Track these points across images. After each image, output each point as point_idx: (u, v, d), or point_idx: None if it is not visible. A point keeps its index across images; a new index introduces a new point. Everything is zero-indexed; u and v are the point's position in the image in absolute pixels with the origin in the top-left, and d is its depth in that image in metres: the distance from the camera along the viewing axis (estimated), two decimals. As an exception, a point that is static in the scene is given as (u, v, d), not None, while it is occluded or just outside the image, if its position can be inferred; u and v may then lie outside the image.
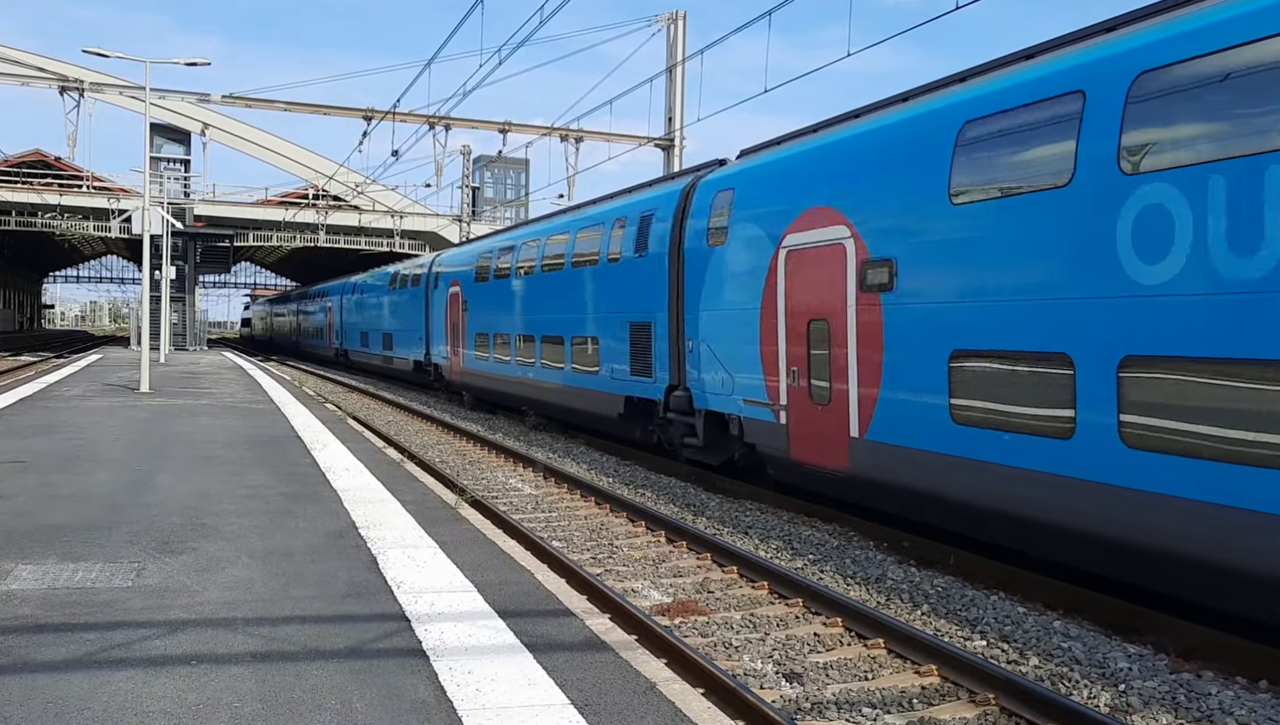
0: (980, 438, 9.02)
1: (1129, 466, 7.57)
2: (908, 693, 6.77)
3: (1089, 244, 7.99)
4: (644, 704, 5.30)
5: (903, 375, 10.18)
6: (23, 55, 48.18)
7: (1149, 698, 6.66)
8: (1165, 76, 7.50)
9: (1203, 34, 7.31)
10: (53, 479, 11.79)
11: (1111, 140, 7.83)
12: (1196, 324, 7.11)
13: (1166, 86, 7.48)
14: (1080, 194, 8.09)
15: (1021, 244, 8.73)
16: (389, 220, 57.23)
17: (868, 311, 10.68)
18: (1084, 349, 8.00)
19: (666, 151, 42.61)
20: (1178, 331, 7.25)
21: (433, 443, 20.23)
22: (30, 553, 8.22)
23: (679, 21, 40.25)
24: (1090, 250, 7.98)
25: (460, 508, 10.81)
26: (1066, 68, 8.57)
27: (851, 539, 11.34)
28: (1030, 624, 8.15)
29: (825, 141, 12.22)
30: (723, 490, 14.47)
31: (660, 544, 11.22)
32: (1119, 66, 7.93)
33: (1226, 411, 6.93)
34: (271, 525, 9.55)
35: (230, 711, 5.06)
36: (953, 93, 10.19)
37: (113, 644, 6.04)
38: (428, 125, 44.51)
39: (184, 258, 54.23)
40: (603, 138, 46.28)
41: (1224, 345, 6.93)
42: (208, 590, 7.26)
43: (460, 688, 5.45)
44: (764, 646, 7.68)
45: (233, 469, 12.94)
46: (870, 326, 10.63)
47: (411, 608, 6.92)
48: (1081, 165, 8.08)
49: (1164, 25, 7.83)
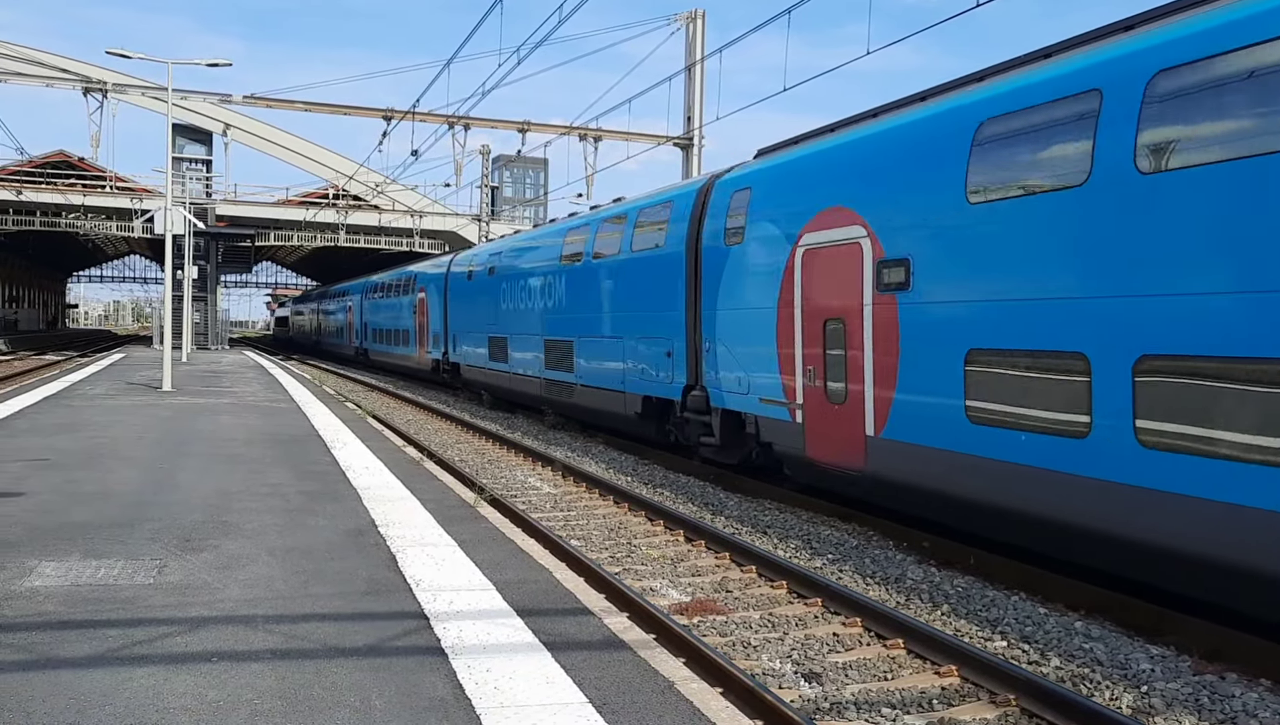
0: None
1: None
2: (927, 693, 6.73)
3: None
4: (662, 703, 5.29)
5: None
6: (47, 56, 48.61)
7: (1172, 699, 6.60)
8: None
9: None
10: (76, 477, 11.88)
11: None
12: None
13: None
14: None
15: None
16: (409, 220, 57.43)
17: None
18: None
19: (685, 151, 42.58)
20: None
21: (452, 442, 20.28)
22: (54, 550, 8.29)
23: (698, 20, 40.20)
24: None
25: (479, 506, 10.83)
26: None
27: (871, 539, 11.30)
28: (1052, 625, 8.10)
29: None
30: (741, 490, 14.44)
31: (679, 543, 11.21)
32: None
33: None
34: (292, 523, 9.59)
35: (250, 708, 5.08)
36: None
37: (134, 641, 6.08)
38: (447, 125, 44.62)
39: (206, 257, 54.55)
40: (621, 137, 46.22)
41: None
42: (228, 587, 7.30)
43: (479, 686, 5.46)
44: (783, 646, 7.66)
45: (253, 467, 13.01)
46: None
47: (430, 606, 6.94)
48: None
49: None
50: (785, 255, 12.53)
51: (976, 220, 9.39)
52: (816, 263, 11.93)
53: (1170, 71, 7.53)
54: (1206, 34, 7.37)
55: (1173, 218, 7.38)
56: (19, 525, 9.17)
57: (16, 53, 47.36)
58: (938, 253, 9.97)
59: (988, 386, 9.17)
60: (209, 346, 56.12)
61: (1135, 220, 7.67)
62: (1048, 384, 8.47)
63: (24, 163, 54.02)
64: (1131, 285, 7.70)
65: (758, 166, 14.23)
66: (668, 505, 12.89)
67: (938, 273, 9.93)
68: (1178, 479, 7.26)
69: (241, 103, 44.58)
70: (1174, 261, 7.38)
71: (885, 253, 10.62)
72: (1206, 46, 7.29)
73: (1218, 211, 7.04)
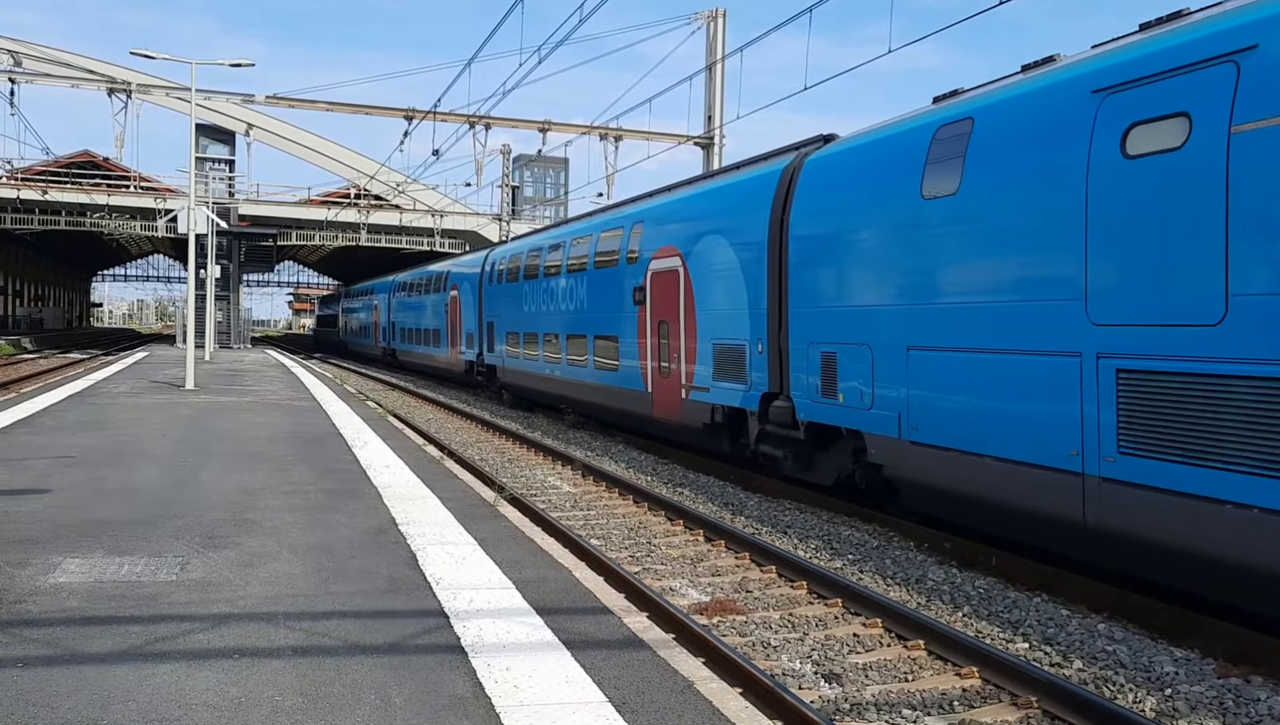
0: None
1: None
2: (948, 694, 6.70)
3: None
4: (682, 703, 5.28)
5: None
6: (72, 57, 49.13)
7: (1195, 702, 6.54)
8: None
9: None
10: (100, 474, 11.98)
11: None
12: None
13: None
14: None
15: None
16: (429, 219, 57.64)
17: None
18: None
19: (706, 150, 42.54)
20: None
21: (472, 441, 20.33)
22: (78, 546, 8.36)
23: (719, 19, 40.17)
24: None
25: (499, 505, 10.85)
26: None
27: (892, 539, 11.25)
28: (1074, 627, 8.04)
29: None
30: (761, 490, 14.40)
31: (698, 543, 11.20)
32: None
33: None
34: (313, 521, 9.64)
35: (271, 705, 5.11)
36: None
37: (157, 637, 6.13)
38: (468, 125, 44.82)
39: (228, 257, 54.91)
40: (642, 136, 46.28)
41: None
42: (250, 585, 7.34)
43: (498, 684, 5.46)
44: (803, 647, 7.64)
45: (275, 465, 13.09)
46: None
47: (450, 604, 6.96)
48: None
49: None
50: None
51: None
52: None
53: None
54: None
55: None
56: (44, 522, 9.25)
57: (43, 54, 47.89)
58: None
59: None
60: (231, 345, 56.50)
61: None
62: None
63: (50, 163, 54.56)
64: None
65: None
66: (687, 505, 12.88)
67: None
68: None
69: (264, 103, 44.95)
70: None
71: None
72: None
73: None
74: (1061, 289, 8.53)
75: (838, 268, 12.04)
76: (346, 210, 57.13)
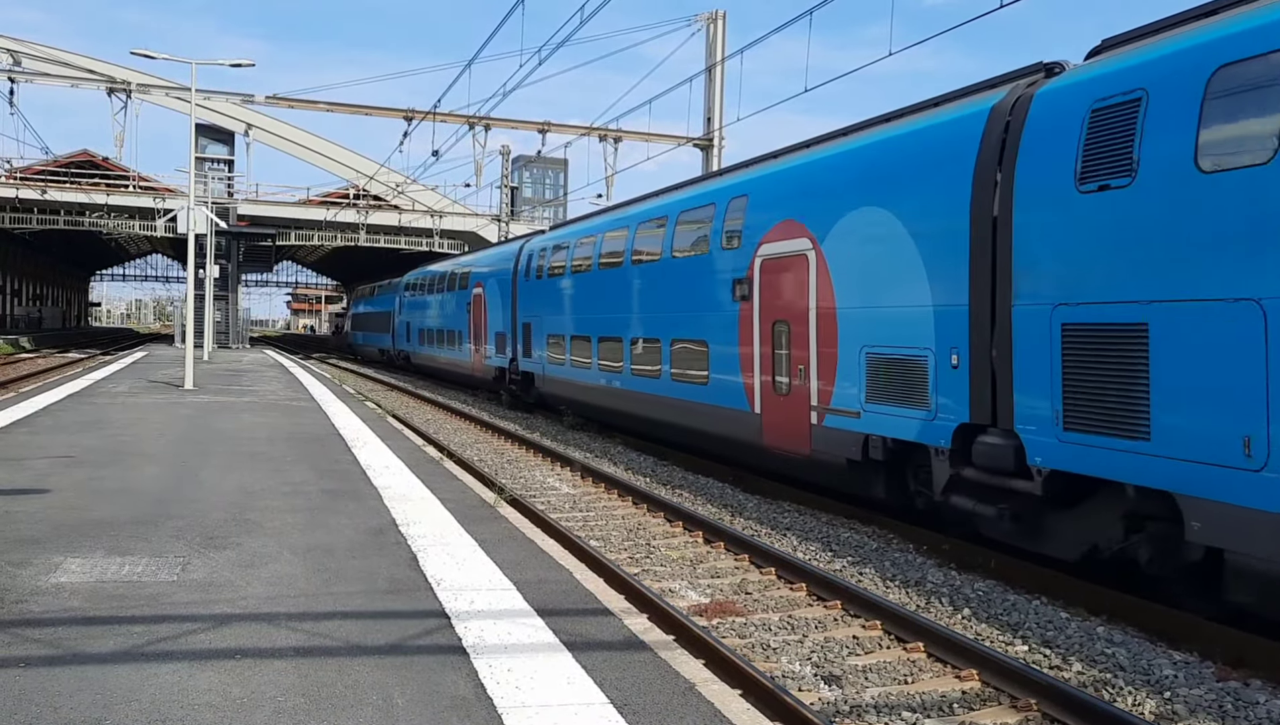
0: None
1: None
2: (948, 697, 6.71)
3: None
4: (683, 704, 5.30)
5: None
6: (72, 57, 49.11)
7: (1195, 706, 6.56)
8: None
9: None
10: (100, 474, 11.98)
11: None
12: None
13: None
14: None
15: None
16: (429, 220, 57.68)
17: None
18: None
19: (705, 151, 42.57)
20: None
21: (471, 441, 20.34)
22: (78, 546, 8.36)
23: (719, 21, 40.22)
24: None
25: (499, 506, 10.86)
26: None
27: (891, 542, 11.27)
28: (1073, 630, 8.06)
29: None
30: (760, 491, 14.41)
31: (698, 544, 11.21)
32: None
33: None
34: (313, 522, 9.65)
35: (274, 705, 5.12)
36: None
37: (159, 637, 6.13)
38: (467, 125, 44.85)
39: (227, 256, 54.93)
40: (641, 138, 46.32)
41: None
42: (251, 585, 7.35)
43: (500, 685, 5.48)
44: (802, 648, 7.66)
45: (275, 466, 13.09)
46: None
47: (451, 605, 6.97)
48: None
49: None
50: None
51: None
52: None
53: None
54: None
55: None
56: (44, 522, 9.25)
57: (42, 53, 47.86)
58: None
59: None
60: (230, 345, 56.48)
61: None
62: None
63: (49, 162, 54.60)
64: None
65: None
66: (687, 506, 12.89)
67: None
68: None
69: (264, 103, 44.97)
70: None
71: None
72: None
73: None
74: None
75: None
76: (345, 210, 57.14)
